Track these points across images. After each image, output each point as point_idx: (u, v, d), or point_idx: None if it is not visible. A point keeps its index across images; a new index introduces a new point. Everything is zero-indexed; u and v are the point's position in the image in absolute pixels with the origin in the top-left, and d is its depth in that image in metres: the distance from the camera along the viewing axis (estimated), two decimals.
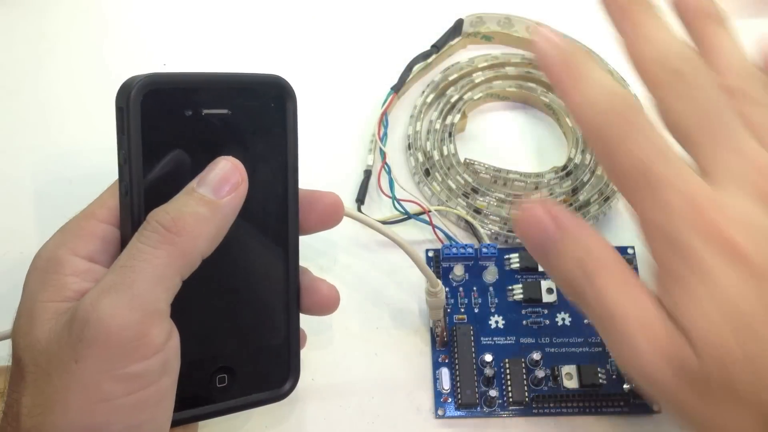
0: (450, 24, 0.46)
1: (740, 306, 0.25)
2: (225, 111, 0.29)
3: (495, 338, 0.38)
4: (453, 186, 0.42)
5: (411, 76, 0.44)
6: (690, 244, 0.25)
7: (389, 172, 0.41)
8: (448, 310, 0.39)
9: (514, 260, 0.40)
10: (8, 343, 0.27)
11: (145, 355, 0.25)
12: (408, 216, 0.41)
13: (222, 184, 0.27)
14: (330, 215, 0.32)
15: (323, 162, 0.43)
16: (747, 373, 0.24)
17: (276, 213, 0.31)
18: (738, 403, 0.25)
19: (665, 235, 0.26)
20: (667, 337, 0.25)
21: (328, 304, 0.33)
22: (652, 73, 0.28)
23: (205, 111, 0.28)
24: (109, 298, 0.25)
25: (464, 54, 0.47)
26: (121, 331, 0.24)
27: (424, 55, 0.45)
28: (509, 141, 0.45)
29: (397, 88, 0.44)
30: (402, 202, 0.41)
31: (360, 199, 0.41)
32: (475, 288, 0.39)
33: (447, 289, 0.39)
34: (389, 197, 0.41)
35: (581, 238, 0.28)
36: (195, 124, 0.28)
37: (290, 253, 0.31)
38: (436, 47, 0.45)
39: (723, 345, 0.24)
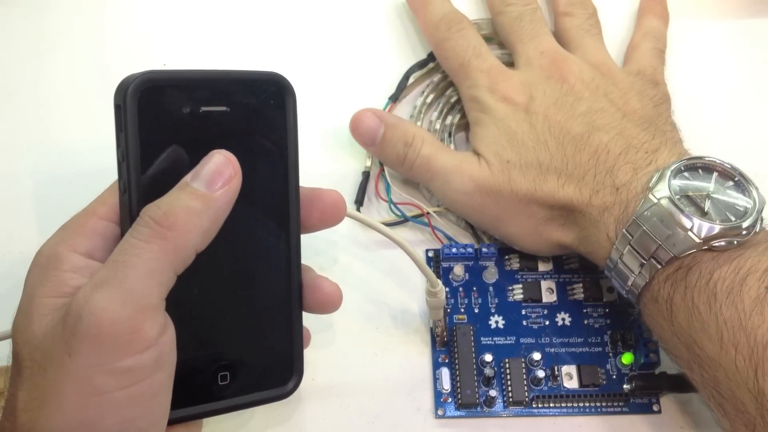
0: None
1: (513, 127, 0.38)
2: (223, 108, 0.29)
3: (495, 338, 0.38)
4: None
5: (408, 84, 0.44)
6: (485, 99, 0.39)
7: (386, 179, 0.41)
8: (448, 310, 0.39)
9: (514, 260, 0.40)
10: (10, 342, 0.28)
11: (137, 349, 0.25)
12: (406, 219, 0.41)
13: (215, 177, 0.27)
14: (332, 213, 0.32)
15: (322, 163, 0.43)
16: (521, 173, 0.37)
17: (277, 210, 0.31)
18: (520, 198, 0.37)
19: (473, 99, 0.40)
20: (470, 170, 0.38)
21: (330, 302, 0.33)
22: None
23: (203, 108, 0.28)
24: (102, 292, 0.25)
25: None
26: (113, 325, 0.25)
27: (420, 64, 0.44)
28: None
29: (395, 98, 0.43)
30: (400, 206, 0.41)
31: (359, 201, 0.41)
32: (475, 288, 0.39)
33: (447, 289, 0.39)
34: (386, 201, 0.41)
35: (405, 126, 0.40)
36: (193, 121, 0.28)
37: (292, 250, 0.31)
38: (433, 56, 0.45)
39: (503, 153, 0.37)
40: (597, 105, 0.38)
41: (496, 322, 0.39)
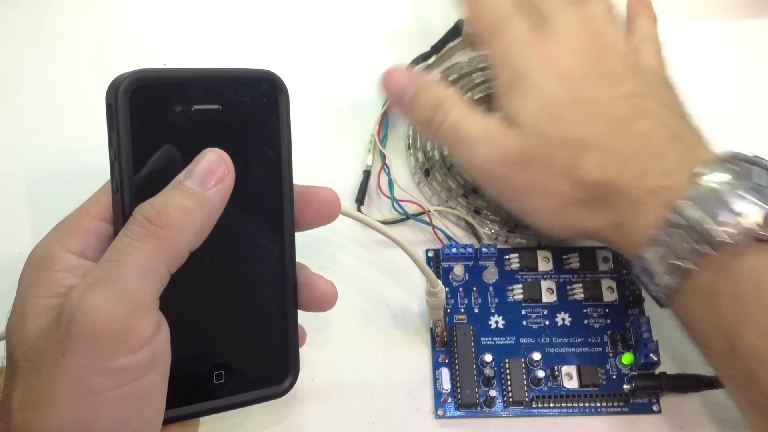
0: (450, 25, 0.46)
1: (555, 99, 0.35)
2: (215, 106, 0.29)
3: (495, 338, 0.38)
4: (453, 186, 0.42)
5: None
6: (521, 65, 0.36)
7: (389, 174, 0.41)
8: (448, 310, 0.39)
9: (514, 260, 0.40)
10: (4, 343, 0.28)
11: (131, 348, 0.25)
12: (407, 216, 0.40)
13: (208, 175, 0.27)
14: (326, 211, 0.32)
15: (322, 162, 0.43)
16: (560, 148, 0.34)
17: (271, 208, 0.31)
18: (553, 173, 0.34)
19: (505, 64, 0.37)
20: (501, 138, 0.36)
21: (325, 300, 0.33)
22: None
23: (196, 106, 0.28)
24: (95, 292, 0.25)
25: (464, 54, 0.47)
26: (107, 325, 0.24)
27: (423, 57, 0.45)
28: None
29: None
30: (401, 203, 0.41)
31: (359, 200, 0.41)
32: (475, 288, 0.39)
33: (447, 289, 0.39)
34: (388, 197, 0.41)
35: (435, 89, 0.38)
36: (185, 120, 0.28)
37: (286, 248, 0.31)
38: (436, 48, 0.45)
39: (540, 125, 0.35)
40: (640, 90, 0.36)
41: (496, 322, 0.39)
